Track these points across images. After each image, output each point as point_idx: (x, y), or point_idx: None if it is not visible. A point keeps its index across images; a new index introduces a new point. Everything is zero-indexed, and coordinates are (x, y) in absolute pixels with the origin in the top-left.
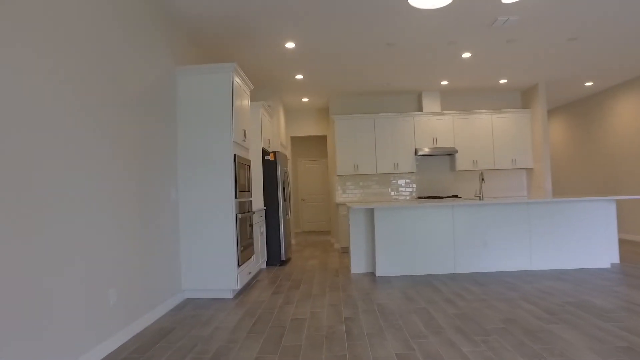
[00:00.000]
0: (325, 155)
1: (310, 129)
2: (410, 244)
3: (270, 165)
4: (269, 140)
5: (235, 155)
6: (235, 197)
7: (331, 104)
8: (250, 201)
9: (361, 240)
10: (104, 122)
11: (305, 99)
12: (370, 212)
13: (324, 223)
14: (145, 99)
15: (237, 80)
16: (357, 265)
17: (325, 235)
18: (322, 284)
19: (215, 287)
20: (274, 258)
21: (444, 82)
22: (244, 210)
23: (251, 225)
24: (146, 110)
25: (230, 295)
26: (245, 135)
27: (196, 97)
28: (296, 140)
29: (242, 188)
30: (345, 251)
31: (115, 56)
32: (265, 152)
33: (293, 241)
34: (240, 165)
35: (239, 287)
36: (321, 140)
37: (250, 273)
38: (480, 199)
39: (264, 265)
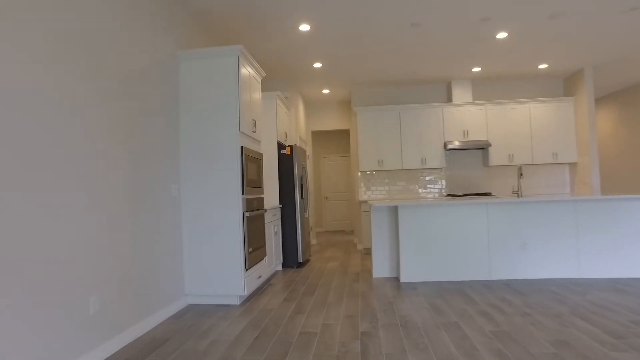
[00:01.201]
0: (348, 150)
1: (332, 123)
2: (439, 246)
3: (286, 160)
4: (286, 133)
5: (242, 147)
6: (243, 194)
7: (353, 95)
8: (262, 198)
9: (384, 241)
10: (92, 109)
11: (325, 91)
12: (394, 210)
13: (347, 222)
14: (142, 85)
15: (244, 64)
16: (380, 269)
17: (349, 235)
18: (340, 290)
19: (220, 292)
20: (291, 260)
21: (476, 69)
22: (253, 208)
23: (263, 225)
24: (143, 97)
25: (236, 302)
26: (254, 125)
27: (199, 82)
28: (318, 136)
29: (251, 183)
30: (368, 252)
31: (106, 37)
32: (281, 146)
33: (314, 241)
34: (249, 159)
35: (246, 293)
36: (344, 134)
37: (260, 277)
38: (518, 196)
39: (280, 267)
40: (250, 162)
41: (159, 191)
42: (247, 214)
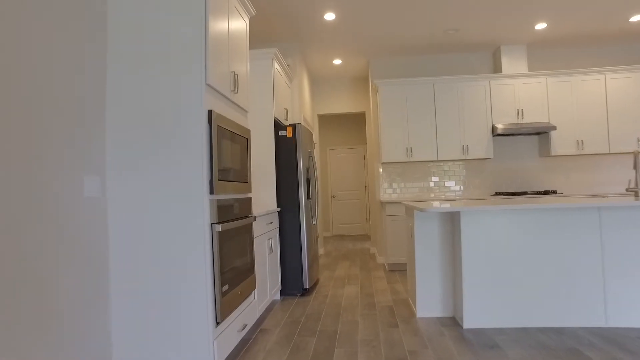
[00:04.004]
0: (362, 140)
1: (344, 105)
2: (522, 273)
3: (286, 145)
4: (287, 110)
5: (211, 112)
6: (212, 192)
7: (372, 66)
8: (249, 199)
9: (433, 263)
10: None
11: (337, 61)
12: (450, 217)
13: (360, 225)
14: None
15: None
16: (427, 304)
17: (363, 242)
18: (374, 348)
19: None
20: (293, 285)
21: (540, 26)
22: (232, 216)
23: (250, 240)
24: (32, 23)
25: None
26: (235, 84)
27: (141, 6)
28: (325, 122)
29: (228, 175)
30: (394, 269)
31: None
32: (279, 127)
33: (321, 250)
34: (226, 134)
35: None
36: (357, 120)
37: (245, 326)
38: (636, 196)
39: (278, 297)
40: (226, 139)
41: (59, 192)
42: (219, 227)
